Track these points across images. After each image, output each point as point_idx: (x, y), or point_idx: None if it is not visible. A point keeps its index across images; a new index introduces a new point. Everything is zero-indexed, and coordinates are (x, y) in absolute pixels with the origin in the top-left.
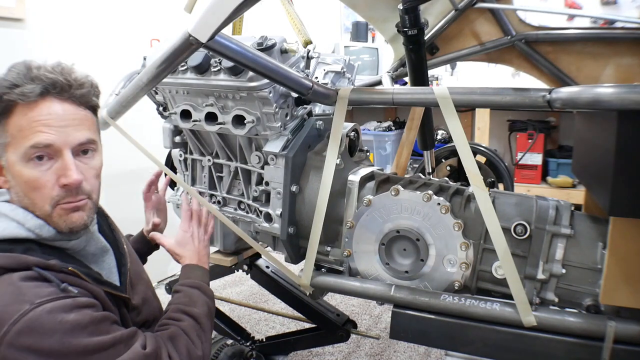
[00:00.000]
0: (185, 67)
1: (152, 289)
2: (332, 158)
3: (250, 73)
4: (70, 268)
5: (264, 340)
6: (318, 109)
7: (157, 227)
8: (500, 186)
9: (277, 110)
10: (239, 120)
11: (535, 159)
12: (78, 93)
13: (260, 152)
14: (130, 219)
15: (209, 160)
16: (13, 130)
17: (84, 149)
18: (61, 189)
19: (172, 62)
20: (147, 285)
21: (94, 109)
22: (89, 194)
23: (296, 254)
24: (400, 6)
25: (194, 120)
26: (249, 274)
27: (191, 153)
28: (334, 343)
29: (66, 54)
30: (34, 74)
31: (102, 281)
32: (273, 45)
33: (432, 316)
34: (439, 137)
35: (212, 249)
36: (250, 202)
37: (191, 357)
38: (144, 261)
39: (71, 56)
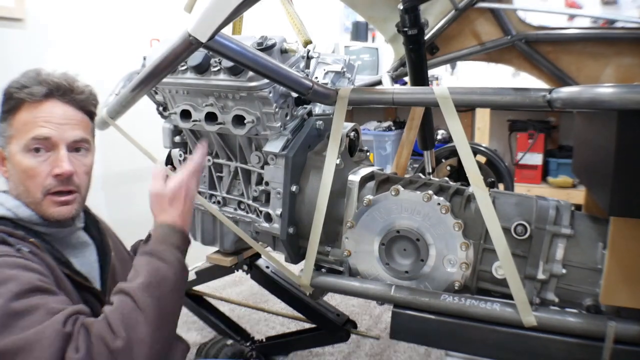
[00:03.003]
0: (185, 67)
1: None
2: (332, 158)
3: (250, 73)
4: (31, 240)
5: (264, 340)
6: (318, 109)
7: None
8: (501, 186)
9: (277, 110)
10: (238, 120)
11: (536, 159)
12: (78, 98)
13: (260, 152)
14: (129, 218)
15: (209, 160)
16: (18, 124)
17: (77, 147)
18: (53, 179)
19: (172, 62)
20: None
21: (91, 114)
22: (78, 187)
23: (296, 254)
24: (400, 6)
25: (194, 120)
26: (249, 274)
27: (191, 153)
28: (334, 343)
29: (66, 54)
30: (41, 78)
31: (62, 261)
32: (273, 45)
33: (432, 316)
34: (439, 137)
35: (212, 249)
36: (250, 202)
37: (106, 348)
38: None
39: (71, 56)
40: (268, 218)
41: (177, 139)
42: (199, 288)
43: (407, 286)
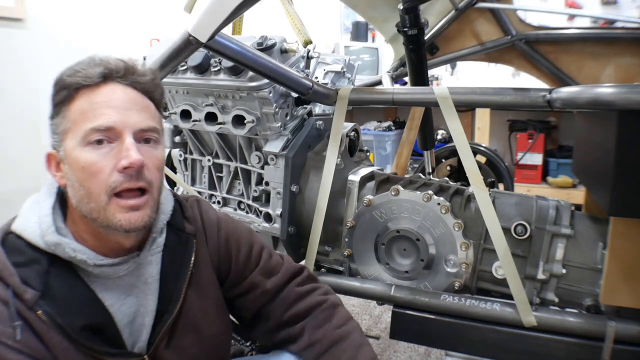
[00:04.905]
0: (185, 67)
1: (210, 343)
2: (332, 158)
3: (250, 73)
4: (39, 312)
5: None
6: (318, 109)
7: None
8: (500, 186)
9: (277, 110)
10: (239, 120)
11: (536, 159)
12: (141, 80)
13: (260, 152)
14: None
15: (208, 160)
16: (74, 114)
17: (146, 137)
18: (120, 174)
19: (172, 62)
20: (201, 339)
21: (156, 102)
22: (149, 183)
23: (296, 254)
24: (400, 6)
25: (194, 120)
26: None
27: (191, 153)
28: None
29: (66, 53)
30: (97, 62)
31: (77, 340)
32: (273, 45)
33: (432, 316)
34: (439, 137)
35: None
36: (250, 202)
37: None
38: None
39: (71, 56)
40: (268, 218)
41: (177, 139)
42: None
43: (407, 286)
